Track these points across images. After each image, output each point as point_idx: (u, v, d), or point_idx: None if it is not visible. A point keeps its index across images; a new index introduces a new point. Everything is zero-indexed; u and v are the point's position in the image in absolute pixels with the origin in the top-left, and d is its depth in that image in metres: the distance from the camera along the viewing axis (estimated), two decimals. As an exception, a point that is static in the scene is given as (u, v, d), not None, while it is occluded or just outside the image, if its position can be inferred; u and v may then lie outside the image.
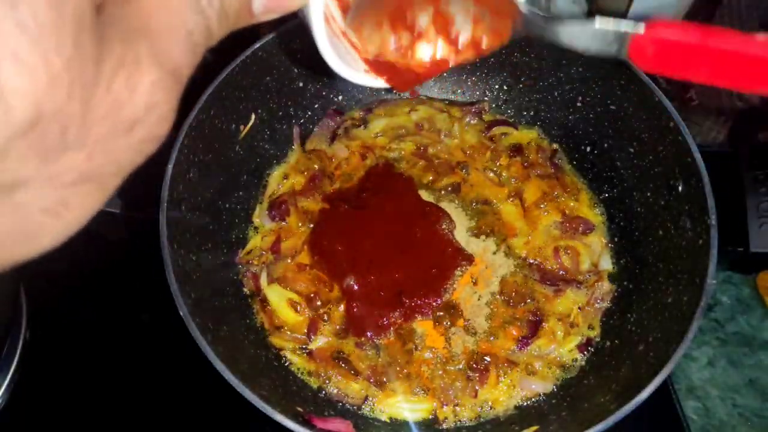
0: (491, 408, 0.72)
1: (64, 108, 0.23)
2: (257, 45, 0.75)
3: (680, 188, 0.71)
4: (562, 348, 0.75)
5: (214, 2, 0.29)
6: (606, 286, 0.79)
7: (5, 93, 0.21)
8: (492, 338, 0.76)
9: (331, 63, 0.44)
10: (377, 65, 0.48)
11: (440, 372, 0.73)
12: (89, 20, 0.23)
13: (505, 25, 0.46)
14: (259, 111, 0.82)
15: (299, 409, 0.65)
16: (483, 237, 0.83)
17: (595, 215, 0.85)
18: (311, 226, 0.82)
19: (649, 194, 0.77)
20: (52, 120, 0.23)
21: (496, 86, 0.93)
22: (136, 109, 0.26)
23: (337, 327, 0.76)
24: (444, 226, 0.82)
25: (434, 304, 0.77)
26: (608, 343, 0.75)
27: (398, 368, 0.73)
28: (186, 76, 0.29)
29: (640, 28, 0.34)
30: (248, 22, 0.33)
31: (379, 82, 0.49)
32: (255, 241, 0.82)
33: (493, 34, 0.47)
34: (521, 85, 0.91)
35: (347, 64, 0.46)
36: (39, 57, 0.21)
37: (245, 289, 0.79)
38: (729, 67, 0.32)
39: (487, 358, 0.74)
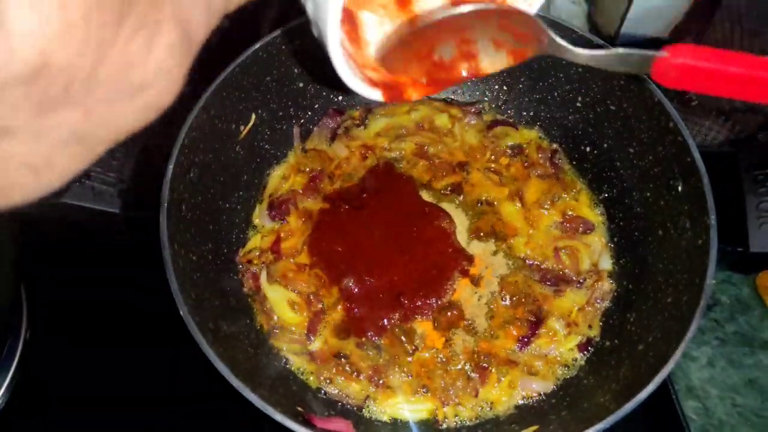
0: (491, 408, 0.72)
1: (74, 61, 0.21)
2: (257, 45, 0.75)
3: (680, 188, 0.71)
4: (562, 348, 0.75)
5: None
6: (606, 285, 0.79)
7: (11, 34, 0.19)
8: (492, 338, 0.76)
9: (340, 69, 0.44)
10: (384, 84, 0.49)
11: (441, 372, 0.73)
12: None
13: (529, 47, 0.47)
14: (260, 111, 0.82)
15: (299, 408, 0.65)
16: (483, 237, 0.83)
17: (594, 215, 0.85)
18: (311, 226, 0.82)
19: (648, 194, 0.77)
20: (57, 72, 0.20)
21: (496, 86, 0.93)
22: (147, 72, 0.24)
23: (338, 327, 0.76)
24: (444, 227, 0.82)
25: (434, 304, 0.77)
26: (608, 343, 0.75)
27: (399, 368, 0.73)
28: (199, 41, 0.27)
29: (663, 53, 0.37)
30: None
31: (377, 95, 0.49)
32: (255, 241, 0.82)
33: (514, 55, 0.48)
34: (521, 85, 0.91)
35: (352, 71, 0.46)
36: (56, 1, 0.19)
37: (245, 289, 0.79)
38: (746, 86, 0.36)
39: (488, 358, 0.74)
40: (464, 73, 0.49)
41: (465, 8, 0.43)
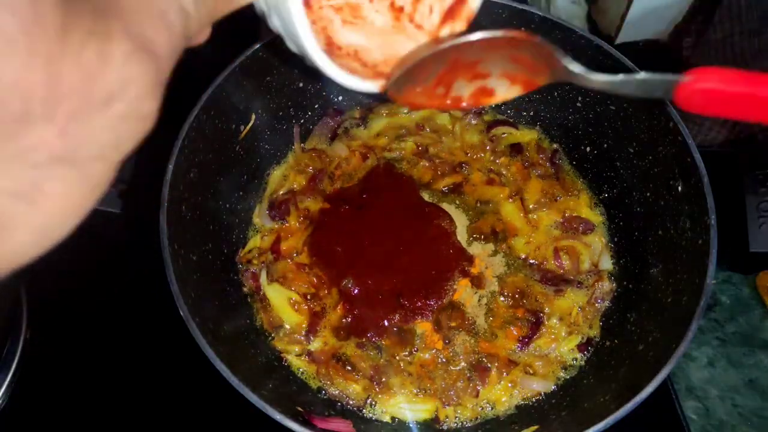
0: (492, 408, 0.72)
1: (24, 75, 0.21)
2: (257, 45, 0.75)
3: (680, 188, 0.71)
4: (562, 348, 0.75)
5: None
6: (606, 285, 0.79)
7: None
8: (492, 338, 0.76)
9: (323, 65, 0.43)
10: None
11: (441, 372, 0.73)
12: None
13: (541, 76, 0.46)
14: (259, 111, 0.82)
15: (299, 409, 0.65)
16: (483, 237, 0.83)
17: (595, 215, 0.85)
18: (311, 226, 0.82)
19: (648, 194, 0.77)
20: (9, 89, 0.21)
21: (496, 86, 0.93)
22: (110, 82, 0.25)
23: (338, 327, 0.76)
24: (444, 227, 0.82)
25: (434, 305, 0.77)
26: (608, 343, 0.75)
27: (399, 369, 0.73)
28: (165, 54, 0.28)
29: (686, 78, 0.35)
30: (230, 6, 0.32)
31: (369, 86, 0.47)
32: (255, 241, 0.82)
33: (525, 85, 0.47)
34: (521, 85, 0.91)
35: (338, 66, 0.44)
36: None
37: (245, 289, 0.79)
38: None
39: (488, 358, 0.74)
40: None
41: (474, 36, 0.42)
